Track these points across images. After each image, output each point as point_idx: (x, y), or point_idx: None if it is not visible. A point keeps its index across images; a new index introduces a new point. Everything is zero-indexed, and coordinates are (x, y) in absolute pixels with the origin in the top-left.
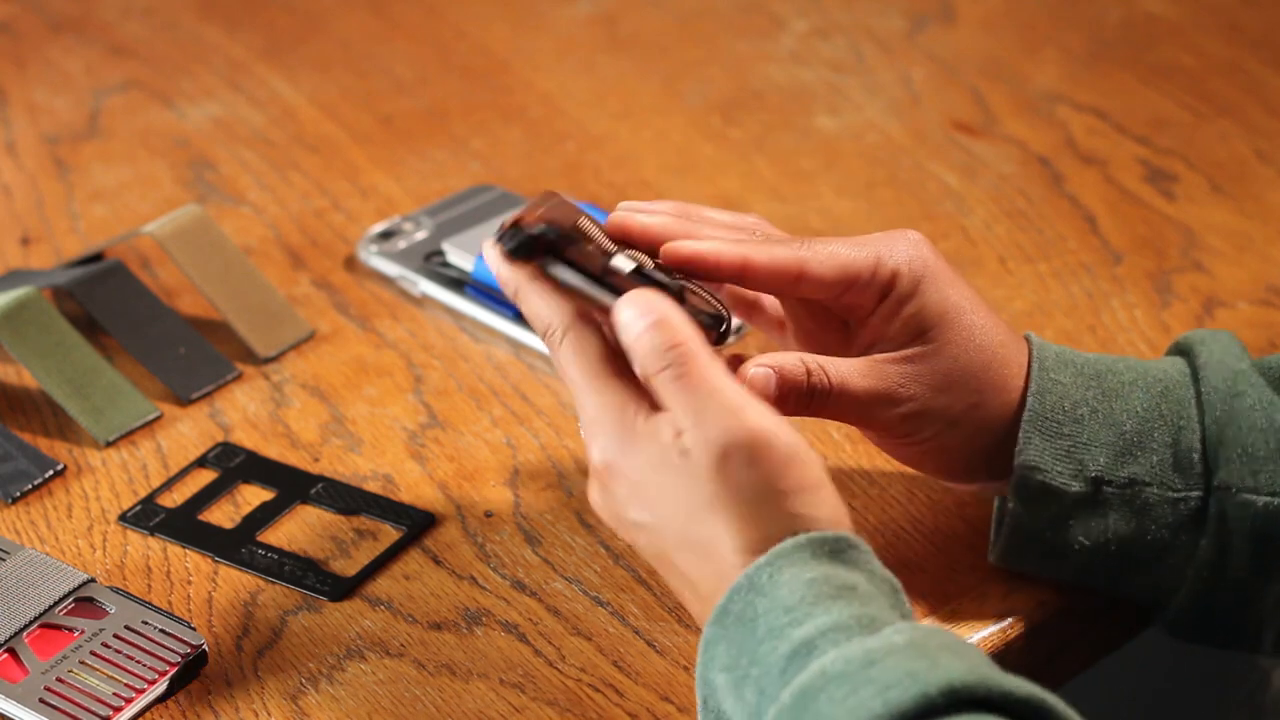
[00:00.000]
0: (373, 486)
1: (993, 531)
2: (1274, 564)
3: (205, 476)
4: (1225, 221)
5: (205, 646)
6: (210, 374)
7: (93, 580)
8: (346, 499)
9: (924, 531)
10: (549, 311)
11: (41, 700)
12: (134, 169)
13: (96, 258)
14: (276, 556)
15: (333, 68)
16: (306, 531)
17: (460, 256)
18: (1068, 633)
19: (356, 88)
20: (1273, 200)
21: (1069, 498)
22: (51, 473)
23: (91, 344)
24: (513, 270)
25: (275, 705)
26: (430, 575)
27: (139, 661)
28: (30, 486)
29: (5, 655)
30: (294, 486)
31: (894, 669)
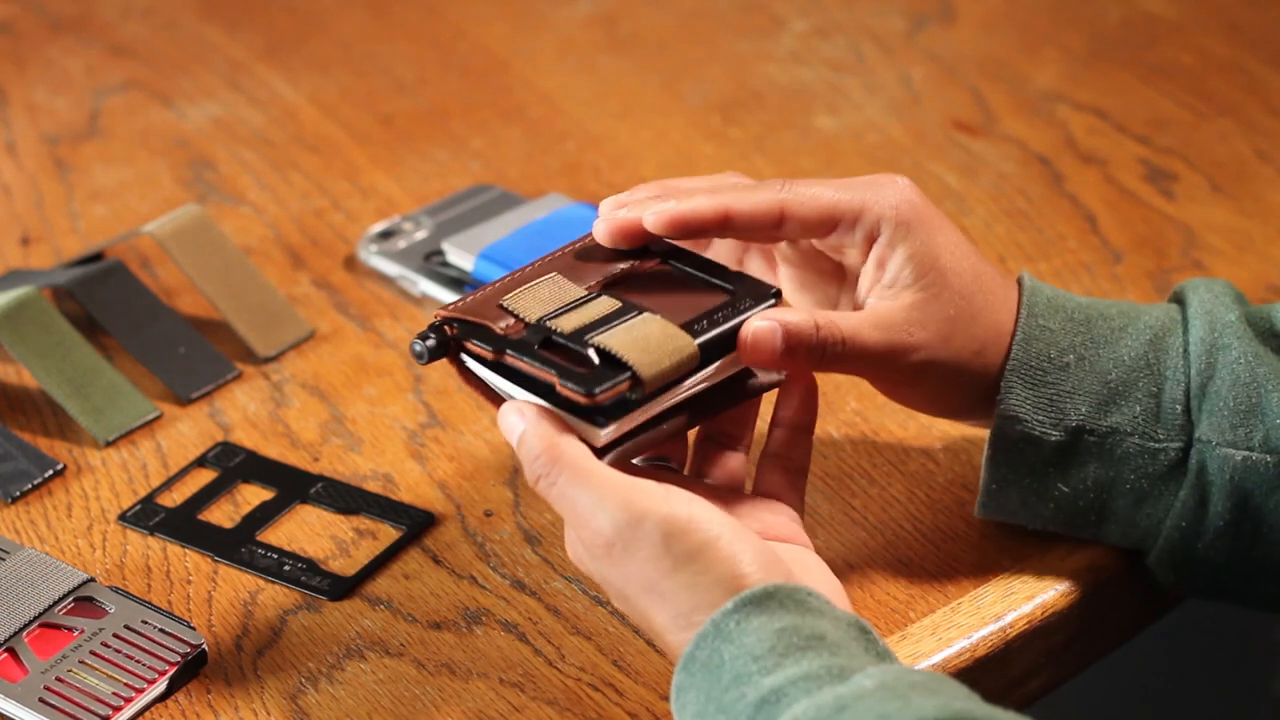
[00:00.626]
0: (372, 486)
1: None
2: (1252, 517)
3: (205, 476)
4: (1225, 221)
5: (205, 646)
6: (210, 374)
7: (92, 580)
8: (346, 498)
9: (924, 531)
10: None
11: (41, 700)
12: (134, 169)
13: (96, 258)
14: (276, 556)
15: (333, 68)
16: (306, 531)
17: (460, 256)
18: (1067, 632)
19: (356, 88)
20: (1273, 200)
21: (1048, 446)
22: (51, 472)
23: (91, 344)
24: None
25: (275, 705)
26: (430, 575)
27: (139, 661)
28: (30, 486)
29: (5, 655)
30: (294, 486)
31: (866, 713)
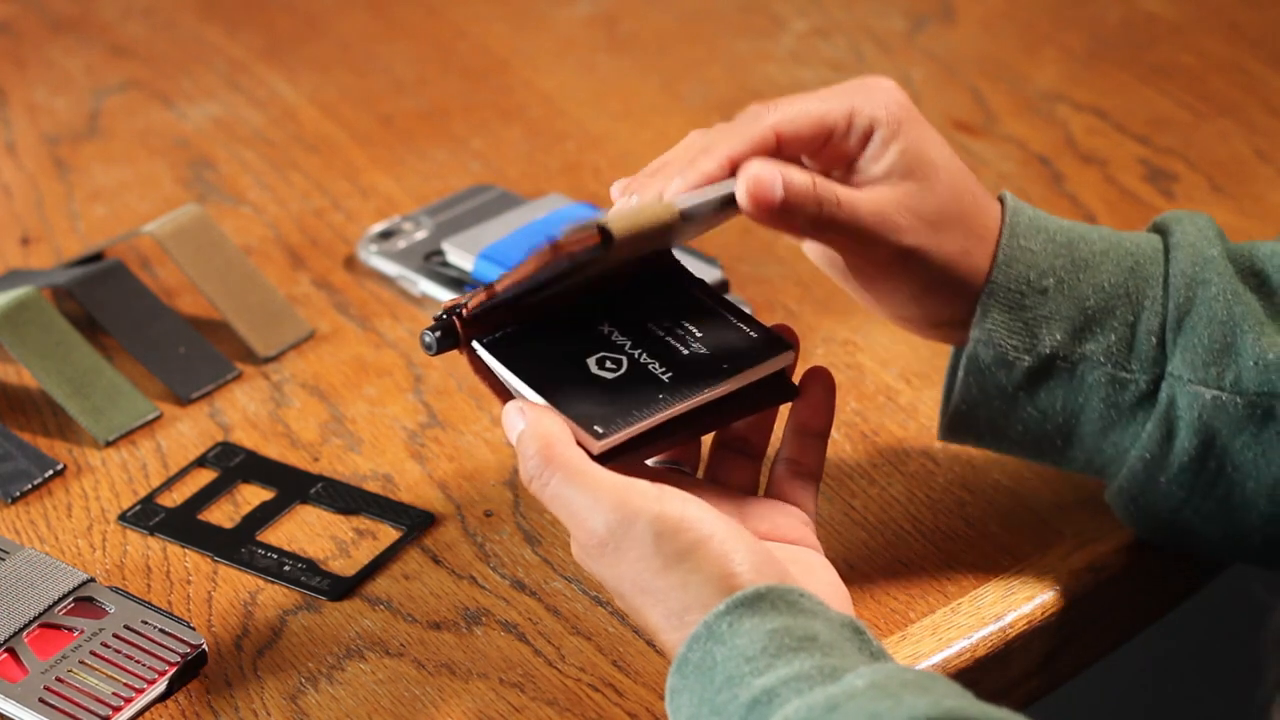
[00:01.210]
0: (372, 486)
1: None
2: (1217, 457)
3: (205, 476)
4: (1225, 221)
5: (205, 646)
6: (210, 374)
7: (92, 580)
8: (346, 499)
9: (924, 531)
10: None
11: (41, 700)
12: (134, 169)
13: (96, 258)
14: (276, 556)
15: (333, 68)
16: (306, 531)
17: (460, 256)
18: (1067, 632)
19: (356, 88)
20: (1273, 200)
21: (1020, 369)
22: (51, 472)
23: (91, 344)
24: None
25: (275, 705)
26: (430, 575)
27: (138, 661)
28: (30, 486)
29: (5, 655)
30: (294, 486)
31: (857, 711)
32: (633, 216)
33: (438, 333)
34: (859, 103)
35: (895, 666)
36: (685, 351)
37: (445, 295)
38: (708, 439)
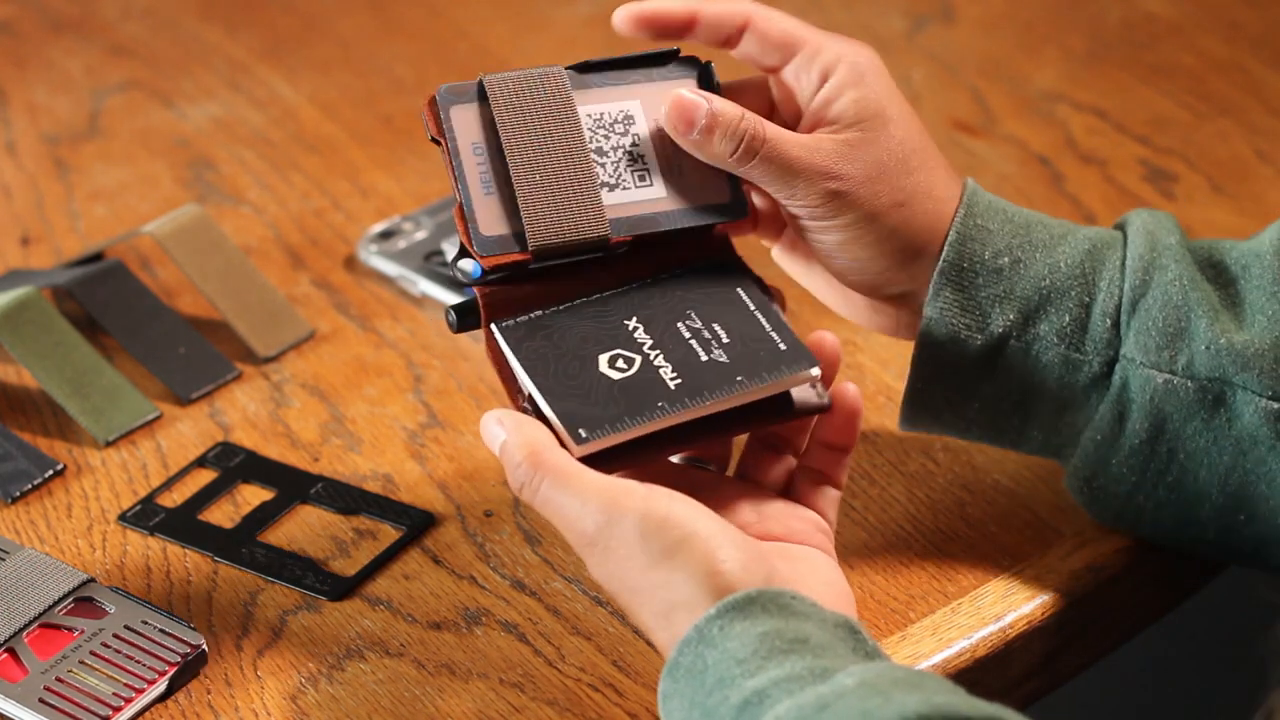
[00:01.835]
0: (372, 486)
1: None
2: (1168, 442)
3: (205, 476)
4: (1225, 221)
5: (205, 646)
6: (210, 374)
7: (92, 580)
8: (346, 499)
9: (924, 531)
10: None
11: (41, 700)
12: (134, 169)
13: (96, 258)
14: (276, 556)
15: (333, 68)
16: (306, 531)
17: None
18: (1067, 632)
19: (356, 88)
20: (1273, 200)
21: (972, 349)
22: (51, 472)
23: (91, 344)
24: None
25: (275, 705)
26: (430, 575)
27: (139, 661)
28: (30, 486)
29: (5, 655)
30: (294, 486)
31: (847, 710)
32: (515, 71)
33: (461, 310)
34: (834, 44)
35: (886, 665)
36: (704, 357)
37: (445, 295)
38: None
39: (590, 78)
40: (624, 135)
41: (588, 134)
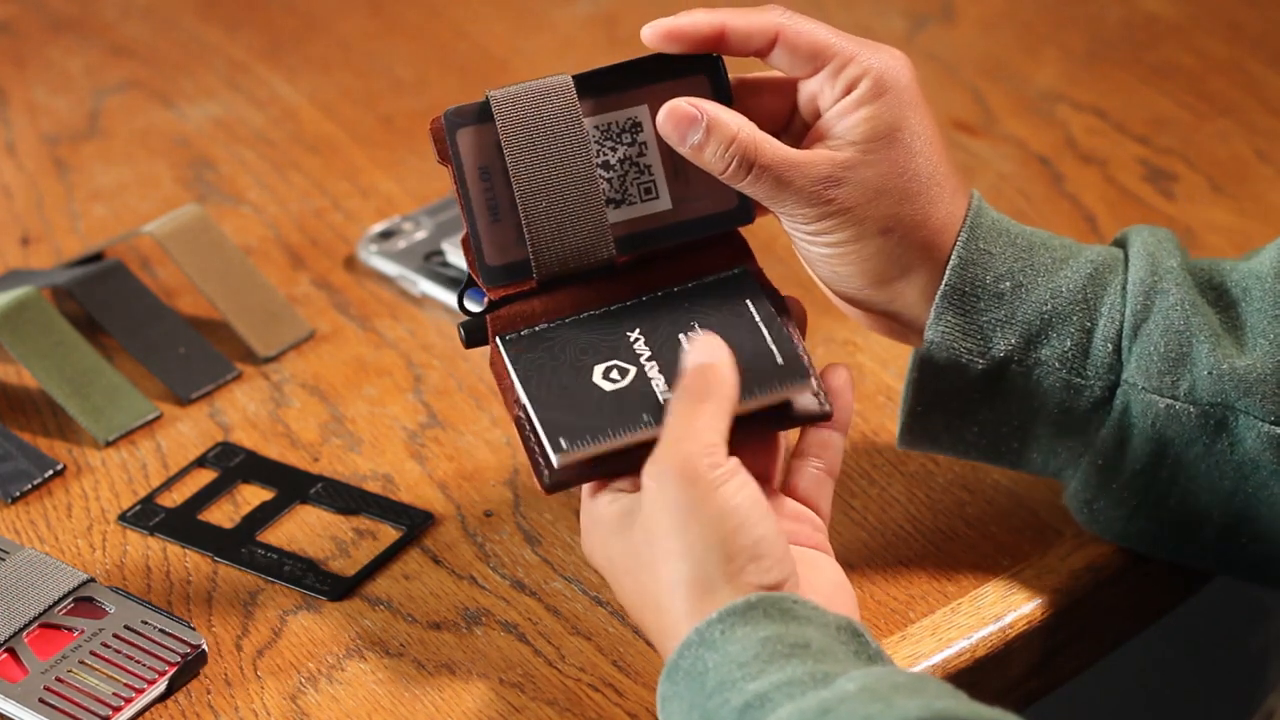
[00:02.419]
0: (372, 486)
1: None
2: (1170, 467)
3: (205, 476)
4: (1225, 221)
5: (205, 646)
6: (210, 374)
7: (92, 580)
8: (346, 499)
9: (924, 531)
10: None
11: (41, 700)
12: (134, 169)
13: (96, 258)
14: (276, 556)
15: (333, 68)
16: (306, 531)
17: (460, 256)
18: (1067, 632)
19: (356, 88)
20: (1273, 200)
21: (973, 373)
22: (51, 473)
23: (91, 344)
24: None
25: (275, 705)
26: (430, 575)
27: (138, 661)
28: (30, 486)
29: (5, 655)
30: (294, 486)
31: (849, 715)
32: (521, 85)
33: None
34: (865, 54)
35: (887, 669)
36: None
37: (445, 295)
38: None
39: (597, 84)
40: (630, 145)
41: (594, 147)
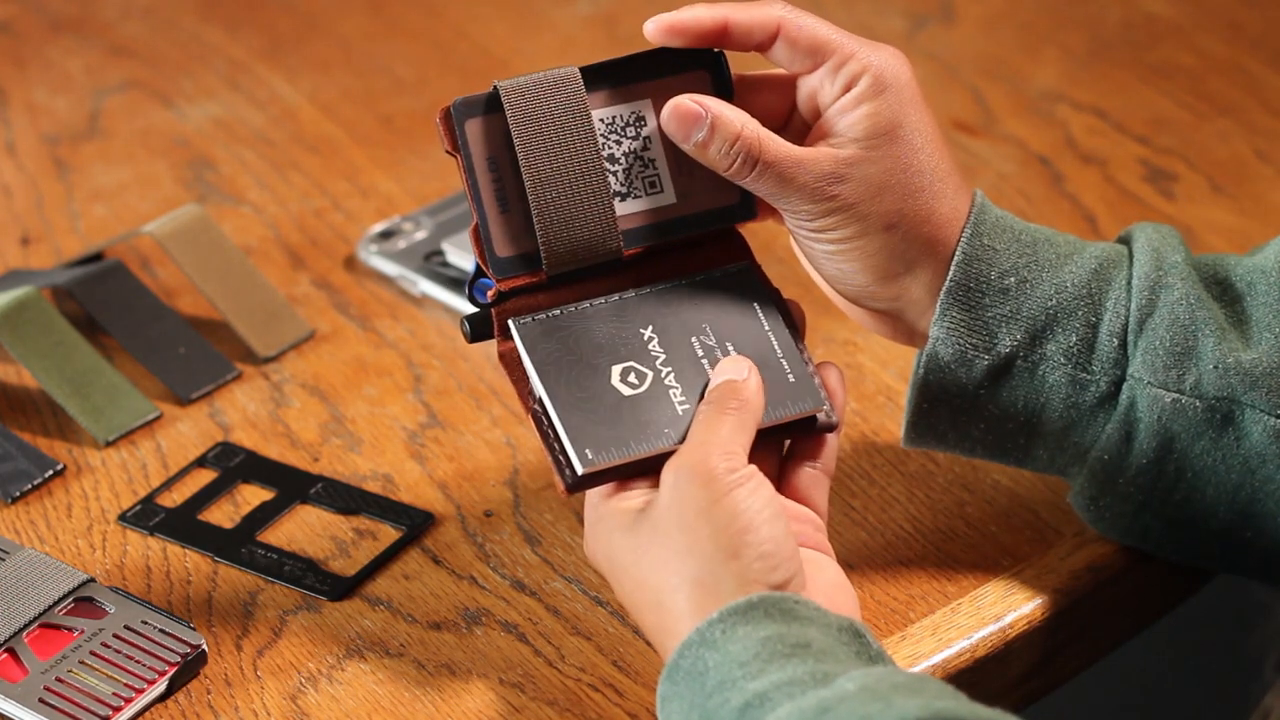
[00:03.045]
0: (372, 486)
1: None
2: (1176, 461)
3: (205, 476)
4: (1225, 221)
5: (205, 646)
6: (210, 374)
7: (92, 580)
8: (346, 499)
9: (924, 531)
10: None
11: (41, 700)
12: (134, 169)
13: (96, 258)
14: (276, 556)
15: (333, 68)
16: (306, 531)
17: (460, 256)
18: (1067, 632)
19: (356, 88)
20: (1273, 200)
21: (979, 369)
22: (51, 473)
23: (91, 344)
24: None
25: (275, 705)
26: (430, 575)
27: (138, 661)
28: (30, 486)
29: (5, 655)
30: (294, 486)
31: (848, 715)
32: (529, 76)
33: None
34: (864, 52)
35: (887, 669)
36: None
37: (445, 295)
38: None
39: (602, 77)
40: (635, 139)
41: (601, 140)
